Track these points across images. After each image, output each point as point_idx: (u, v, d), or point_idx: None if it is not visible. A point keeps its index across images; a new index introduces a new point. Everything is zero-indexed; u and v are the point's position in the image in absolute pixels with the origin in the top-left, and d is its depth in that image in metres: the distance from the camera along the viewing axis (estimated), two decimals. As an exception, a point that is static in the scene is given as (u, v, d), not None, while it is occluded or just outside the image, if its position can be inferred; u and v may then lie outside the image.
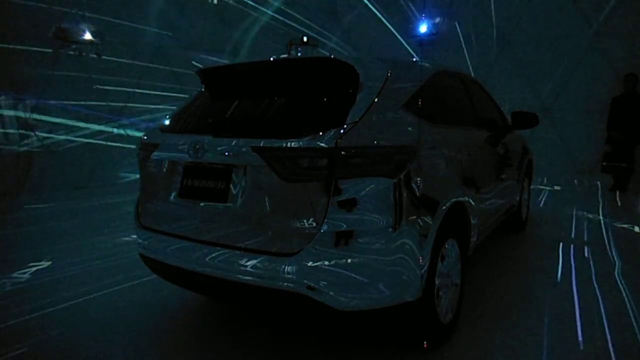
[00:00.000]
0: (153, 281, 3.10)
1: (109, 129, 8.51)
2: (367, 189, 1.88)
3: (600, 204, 6.09)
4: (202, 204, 2.15)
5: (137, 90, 8.72)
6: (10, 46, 7.14)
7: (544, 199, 6.55)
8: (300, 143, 1.85)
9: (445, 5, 9.40)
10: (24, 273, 3.50)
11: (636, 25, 7.65)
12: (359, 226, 1.85)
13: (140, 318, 2.80)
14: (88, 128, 8.24)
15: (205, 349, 2.42)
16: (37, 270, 3.58)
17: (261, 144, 1.91)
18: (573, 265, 3.65)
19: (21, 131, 7.45)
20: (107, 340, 2.52)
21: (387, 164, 1.96)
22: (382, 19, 10.07)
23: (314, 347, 2.41)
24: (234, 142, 2.02)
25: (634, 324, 2.60)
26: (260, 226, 1.95)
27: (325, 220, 1.83)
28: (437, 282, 2.22)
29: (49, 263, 3.74)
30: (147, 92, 8.77)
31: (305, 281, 1.83)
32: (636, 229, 4.76)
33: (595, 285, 3.20)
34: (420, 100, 2.41)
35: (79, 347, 2.45)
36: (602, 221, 5.14)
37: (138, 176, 2.59)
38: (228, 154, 2.02)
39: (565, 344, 2.39)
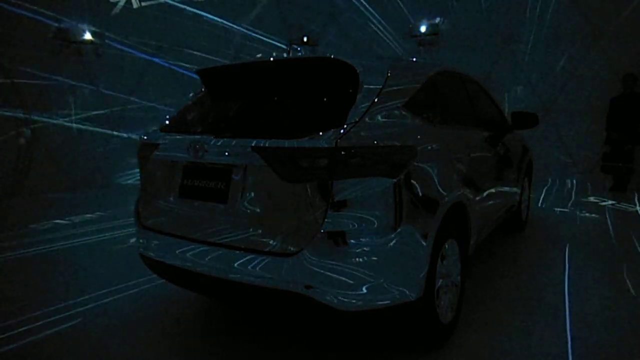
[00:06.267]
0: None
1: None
2: (367, 189, 1.88)
3: (600, 204, 6.09)
4: (202, 204, 2.15)
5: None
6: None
7: (541, 198, 6.55)
8: (300, 143, 1.84)
9: (445, 5, 9.39)
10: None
11: (636, 25, 7.64)
12: (359, 226, 1.85)
13: (139, 318, 2.80)
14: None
15: (205, 349, 2.42)
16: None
17: (261, 144, 1.91)
18: (573, 265, 3.65)
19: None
20: (104, 338, 2.53)
21: (387, 164, 1.96)
22: (382, 18, 10.06)
23: (314, 347, 2.41)
24: (234, 142, 2.01)
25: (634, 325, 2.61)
26: (260, 226, 1.95)
27: (325, 220, 1.82)
28: (437, 282, 2.22)
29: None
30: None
31: (305, 281, 1.83)
32: (634, 228, 4.76)
33: (596, 285, 3.21)
34: (420, 100, 2.41)
35: (77, 347, 2.46)
36: (600, 221, 5.14)
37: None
38: (228, 154, 2.02)
39: (566, 344, 2.39)
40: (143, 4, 8.66)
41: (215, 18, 9.36)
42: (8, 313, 2.84)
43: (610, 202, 6.19)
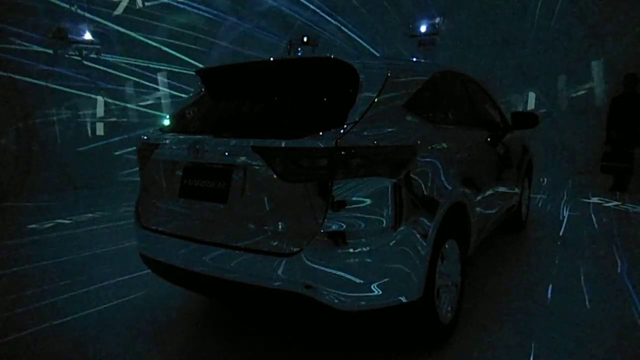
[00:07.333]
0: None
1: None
2: (367, 189, 1.88)
3: (601, 205, 6.09)
4: (202, 204, 2.15)
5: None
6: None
7: (541, 199, 6.55)
8: (300, 143, 1.84)
9: (445, 4, 9.39)
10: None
11: (635, 25, 7.65)
12: (359, 226, 1.85)
13: (139, 317, 2.80)
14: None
15: (205, 349, 2.42)
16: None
17: (261, 144, 1.91)
18: (574, 265, 3.65)
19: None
20: (104, 338, 2.53)
21: (387, 164, 1.96)
22: (382, 18, 10.05)
23: (314, 347, 2.41)
24: (234, 142, 2.02)
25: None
26: (260, 226, 1.95)
27: (325, 220, 1.82)
28: (437, 282, 2.22)
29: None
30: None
31: (305, 281, 1.83)
32: (635, 228, 4.76)
33: (598, 286, 3.21)
34: (420, 100, 2.41)
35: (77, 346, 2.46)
36: (600, 220, 5.14)
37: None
38: (228, 154, 2.02)
39: (566, 345, 2.39)
40: (146, 3, 8.68)
41: (215, 17, 9.37)
42: (5, 310, 2.84)
43: (613, 202, 6.18)
